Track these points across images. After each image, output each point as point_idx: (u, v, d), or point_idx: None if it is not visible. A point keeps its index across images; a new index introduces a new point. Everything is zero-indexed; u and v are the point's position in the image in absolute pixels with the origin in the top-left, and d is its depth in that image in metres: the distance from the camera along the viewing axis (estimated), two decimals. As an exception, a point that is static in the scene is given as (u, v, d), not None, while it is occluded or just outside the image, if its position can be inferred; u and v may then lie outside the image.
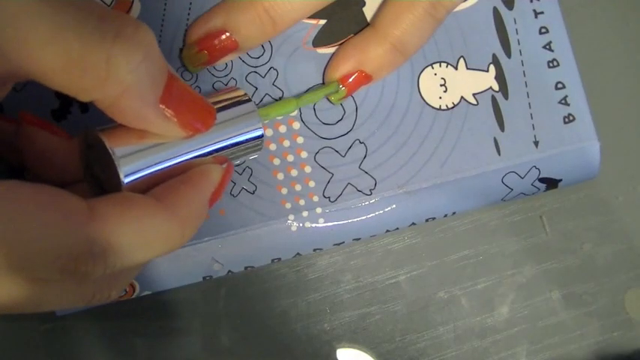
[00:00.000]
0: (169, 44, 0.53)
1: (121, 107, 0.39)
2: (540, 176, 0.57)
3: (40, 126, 0.47)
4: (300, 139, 0.54)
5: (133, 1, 0.52)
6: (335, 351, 0.61)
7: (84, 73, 0.37)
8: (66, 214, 0.37)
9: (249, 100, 0.47)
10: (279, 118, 0.54)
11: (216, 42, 0.52)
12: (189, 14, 0.53)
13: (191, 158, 0.44)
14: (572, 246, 0.65)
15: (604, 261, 0.65)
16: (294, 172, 0.54)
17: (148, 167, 0.42)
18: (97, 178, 0.44)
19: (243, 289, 0.60)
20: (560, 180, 0.58)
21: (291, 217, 0.54)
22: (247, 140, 0.47)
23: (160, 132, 0.42)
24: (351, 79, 0.54)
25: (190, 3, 0.53)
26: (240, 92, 0.48)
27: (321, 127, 0.54)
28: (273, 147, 0.54)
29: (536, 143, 0.57)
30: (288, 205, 0.54)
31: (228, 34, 0.52)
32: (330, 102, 0.55)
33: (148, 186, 0.43)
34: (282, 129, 0.54)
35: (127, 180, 0.42)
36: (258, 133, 0.47)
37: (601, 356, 0.65)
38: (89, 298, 0.42)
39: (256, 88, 0.53)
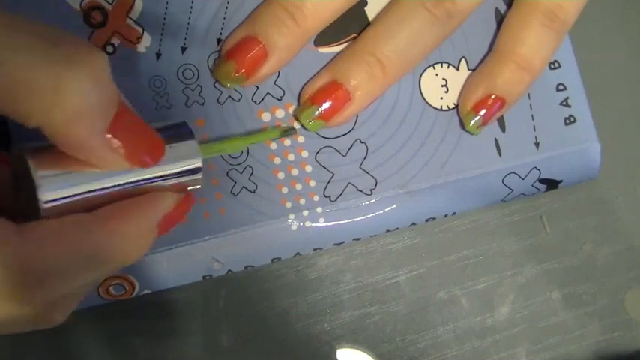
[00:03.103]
0: (171, 44, 0.53)
1: (67, 135, 0.38)
2: (541, 177, 0.57)
3: None
4: (300, 139, 0.54)
5: (134, 1, 0.52)
6: (335, 351, 0.61)
7: (31, 98, 0.35)
8: None
9: (191, 134, 0.45)
10: (281, 116, 0.54)
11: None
12: (190, 13, 0.53)
13: (122, 186, 0.42)
14: (572, 246, 0.65)
15: (604, 261, 0.65)
16: (294, 172, 0.54)
17: (73, 192, 0.40)
18: (25, 200, 0.42)
19: (243, 289, 0.60)
20: (561, 181, 0.58)
21: (292, 216, 0.54)
22: (183, 173, 0.45)
23: (103, 164, 0.40)
24: (484, 107, 0.55)
25: (192, 0, 0.53)
26: (185, 126, 0.46)
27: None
28: (273, 146, 0.53)
29: (536, 144, 0.57)
30: (288, 205, 0.54)
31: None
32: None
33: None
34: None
35: (46, 205, 0.39)
36: (197, 166, 0.45)
37: (601, 356, 0.65)
38: (30, 324, 0.40)
39: (257, 87, 0.53)
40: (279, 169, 0.54)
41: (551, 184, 0.58)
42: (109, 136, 0.39)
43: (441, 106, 0.56)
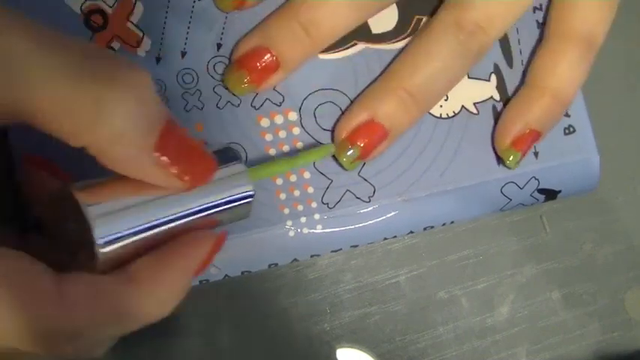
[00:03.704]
0: (171, 48, 0.53)
1: (113, 154, 0.38)
2: (539, 187, 0.57)
3: (40, 166, 0.45)
4: (299, 145, 0.54)
5: (135, 3, 0.52)
6: (335, 351, 0.62)
7: (74, 117, 0.36)
8: (36, 299, 0.36)
9: (238, 160, 0.45)
10: (280, 122, 0.54)
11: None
12: (191, 18, 0.53)
13: (177, 219, 0.42)
14: (572, 246, 0.65)
15: (604, 261, 0.65)
16: (292, 178, 0.54)
17: (126, 231, 0.40)
18: (70, 239, 0.42)
19: (243, 289, 0.60)
20: (560, 191, 0.58)
21: (289, 222, 0.54)
22: (235, 201, 0.45)
23: (155, 182, 0.40)
24: (522, 141, 0.55)
25: (193, 4, 0.53)
26: (230, 151, 0.46)
27: (321, 133, 0.54)
28: (272, 152, 0.53)
29: (535, 154, 0.57)
30: (286, 211, 0.54)
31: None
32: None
33: (128, 251, 0.41)
34: (282, 134, 0.54)
35: (103, 249, 0.39)
36: (248, 194, 0.45)
37: (601, 356, 0.65)
38: (65, 356, 0.40)
39: (256, 93, 0.53)
40: (277, 176, 0.53)
41: (549, 194, 0.58)
42: (157, 153, 0.39)
43: (441, 115, 0.56)
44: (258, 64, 0.51)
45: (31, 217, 0.46)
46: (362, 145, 0.53)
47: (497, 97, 0.57)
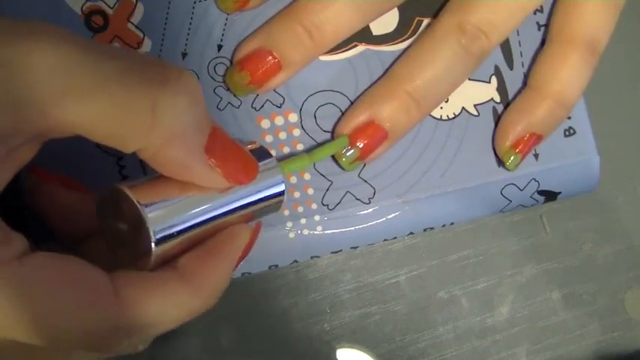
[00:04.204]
0: (172, 49, 0.53)
1: (166, 156, 0.38)
2: (539, 189, 0.57)
3: (52, 181, 0.45)
4: (300, 146, 0.54)
5: (136, 4, 0.52)
6: (335, 351, 0.62)
7: (128, 122, 0.36)
8: (92, 297, 0.37)
9: (269, 155, 0.47)
10: (280, 124, 0.54)
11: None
12: (191, 19, 0.53)
13: (220, 215, 0.43)
14: (572, 246, 0.65)
15: (604, 261, 0.65)
16: (293, 179, 0.54)
17: (177, 226, 0.41)
18: (120, 239, 0.43)
19: (244, 289, 0.60)
20: (559, 193, 0.58)
21: (289, 224, 0.54)
22: (270, 197, 0.46)
23: (204, 183, 0.41)
24: (522, 144, 0.55)
25: (194, 5, 0.53)
26: (259, 145, 0.47)
27: (322, 135, 0.54)
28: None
29: (535, 155, 0.57)
30: (286, 212, 0.54)
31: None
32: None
33: (176, 247, 0.42)
34: (283, 135, 0.54)
35: (158, 246, 0.40)
36: (281, 189, 0.47)
37: (601, 356, 0.65)
38: (118, 354, 0.41)
39: (257, 95, 0.53)
40: (277, 176, 0.54)
41: (549, 196, 0.58)
42: (207, 155, 0.40)
43: (441, 116, 0.56)
44: (260, 66, 0.51)
45: (45, 229, 0.46)
46: (361, 146, 0.53)
47: (497, 99, 0.57)
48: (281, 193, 0.47)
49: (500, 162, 0.56)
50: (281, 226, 0.54)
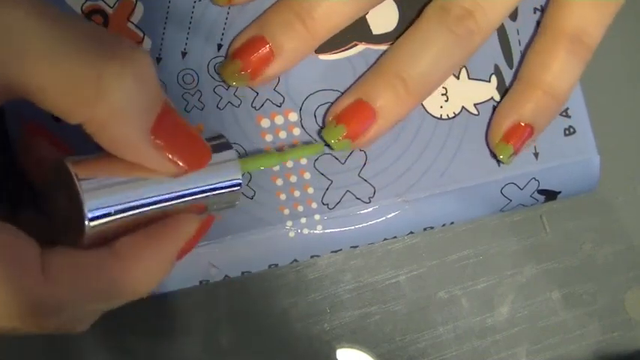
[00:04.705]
0: (171, 49, 0.53)
1: (110, 133, 0.38)
2: (539, 188, 0.57)
3: (39, 134, 0.46)
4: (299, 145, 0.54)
5: (135, 4, 0.52)
6: (335, 351, 0.62)
7: (72, 92, 0.36)
8: (16, 270, 0.36)
9: (230, 147, 0.46)
10: (280, 123, 0.54)
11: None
12: (191, 19, 0.53)
13: (165, 200, 0.42)
14: (572, 246, 0.65)
15: (604, 261, 0.65)
16: (293, 178, 0.54)
17: (115, 206, 0.40)
18: (60, 212, 0.43)
19: (244, 289, 0.60)
20: (560, 192, 0.58)
21: (289, 223, 0.54)
22: (223, 188, 0.45)
23: (150, 165, 0.40)
24: (514, 136, 0.55)
25: (193, 4, 0.53)
26: (223, 139, 0.46)
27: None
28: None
29: (536, 155, 0.57)
30: (286, 211, 0.54)
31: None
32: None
33: (114, 228, 0.41)
34: (282, 135, 0.54)
35: (92, 223, 0.40)
36: (236, 182, 0.46)
37: (601, 356, 0.65)
38: (49, 331, 0.40)
39: (257, 94, 0.53)
40: (277, 176, 0.54)
41: (549, 195, 0.58)
42: (153, 136, 0.39)
43: (441, 115, 0.56)
44: (252, 53, 0.52)
45: (26, 187, 0.47)
46: (350, 126, 0.53)
47: (497, 97, 0.57)
48: (236, 185, 0.46)
49: (494, 157, 0.56)
50: (281, 225, 0.54)
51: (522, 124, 0.55)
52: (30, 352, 0.59)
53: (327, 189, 0.54)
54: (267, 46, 0.51)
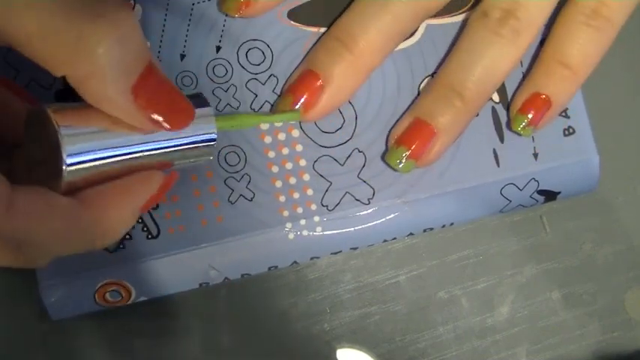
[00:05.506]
0: (170, 51, 0.53)
1: (91, 88, 0.39)
2: (539, 188, 0.57)
3: (9, 88, 0.46)
4: (299, 147, 0.54)
5: (135, 5, 0.52)
6: (335, 351, 0.62)
7: (55, 47, 0.37)
8: None
9: (207, 104, 0.46)
10: (279, 125, 0.54)
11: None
12: (190, 21, 0.53)
13: (138, 152, 0.43)
14: (572, 246, 0.65)
15: (604, 261, 0.65)
16: (292, 180, 0.54)
17: (92, 154, 0.41)
18: (37, 158, 0.43)
19: (244, 289, 0.60)
20: (559, 192, 0.58)
21: (289, 225, 0.54)
22: (197, 142, 0.45)
23: (130, 121, 0.41)
24: (532, 107, 0.55)
25: (192, 6, 0.53)
26: (201, 96, 0.46)
27: (321, 135, 0.54)
28: (271, 154, 0.53)
29: (535, 155, 0.57)
30: (285, 213, 0.54)
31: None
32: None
33: (89, 177, 0.42)
34: (281, 136, 0.54)
35: (69, 168, 0.40)
36: (211, 137, 0.46)
37: (601, 356, 0.65)
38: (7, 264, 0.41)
39: (256, 95, 0.53)
40: (276, 178, 0.54)
41: (549, 196, 0.58)
42: (134, 95, 0.40)
43: (440, 116, 0.56)
44: (304, 86, 0.52)
45: None
46: (412, 146, 0.53)
47: (496, 98, 0.57)
48: (211, 140, 0.46)
49: (513, 130, 0.56)
50: (280, 227, 0.54)
51: (542, 96, 0.55)
52: (30, 352, 0.59)
53: (327, 190, 0.54)
54: (318, 77, 0.52)
